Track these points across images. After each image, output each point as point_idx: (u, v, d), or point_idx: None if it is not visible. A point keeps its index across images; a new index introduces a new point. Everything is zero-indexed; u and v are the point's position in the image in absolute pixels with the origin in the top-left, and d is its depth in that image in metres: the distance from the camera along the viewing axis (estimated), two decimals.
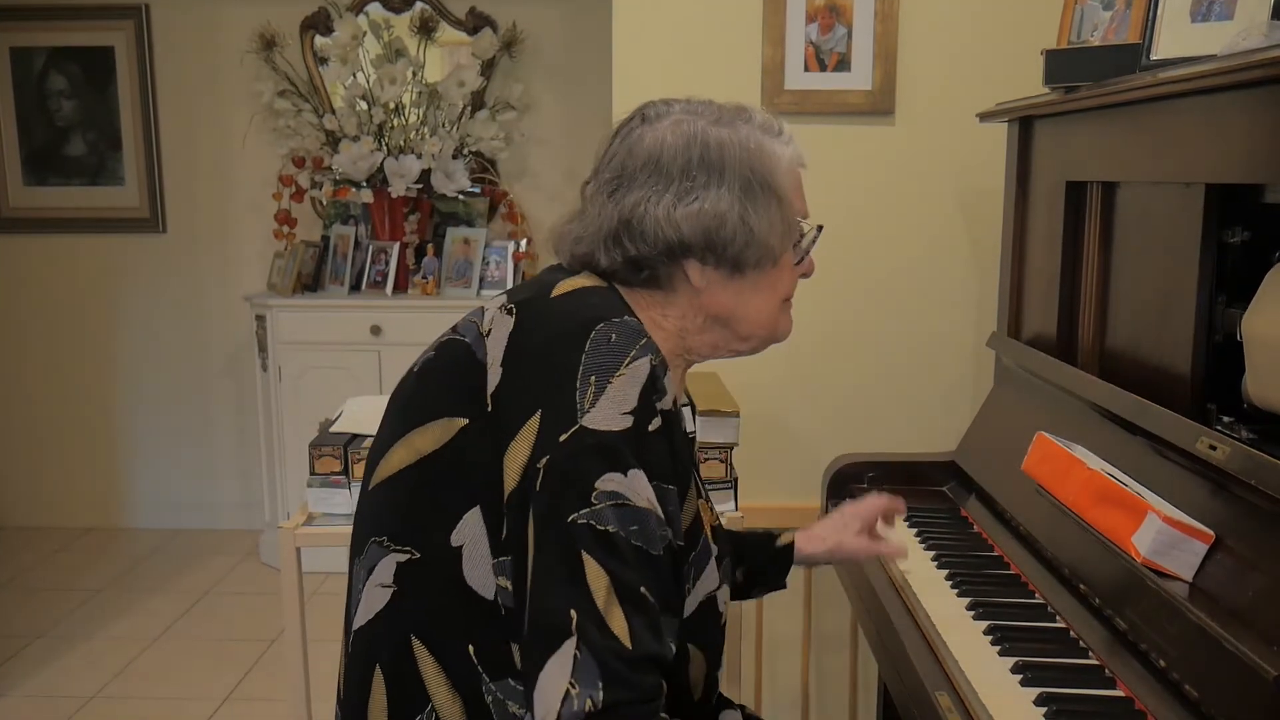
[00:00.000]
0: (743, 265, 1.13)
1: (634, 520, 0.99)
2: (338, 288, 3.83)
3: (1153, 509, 1.22)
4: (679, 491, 1.07)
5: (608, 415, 1.00)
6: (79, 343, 4.25)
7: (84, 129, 4.14)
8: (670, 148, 1.11)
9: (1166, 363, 1.44)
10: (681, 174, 1.11)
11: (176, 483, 4.30)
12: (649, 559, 1.01)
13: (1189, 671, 1.09)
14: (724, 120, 1.14)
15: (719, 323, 1.17)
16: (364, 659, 1.09)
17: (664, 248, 1.11)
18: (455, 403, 1.06)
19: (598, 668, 0.95)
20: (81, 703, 2.88)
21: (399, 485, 1.09)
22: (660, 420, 1.04)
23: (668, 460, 1.05)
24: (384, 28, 3.81)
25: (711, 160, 1.11)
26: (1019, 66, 2.08)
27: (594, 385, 1.01)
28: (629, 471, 1.00)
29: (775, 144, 1.15)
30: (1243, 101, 1.21)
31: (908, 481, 1.96)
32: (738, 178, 1.11)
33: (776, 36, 2.23)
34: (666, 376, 1.06)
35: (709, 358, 1.22)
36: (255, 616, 3.44)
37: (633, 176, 1.12)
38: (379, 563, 1.08)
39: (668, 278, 1.14)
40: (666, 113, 1.15)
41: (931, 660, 1.34)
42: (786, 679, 2.41)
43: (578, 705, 0.94)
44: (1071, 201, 1.72)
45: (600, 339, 1.03)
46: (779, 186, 1.14)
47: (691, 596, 1.12)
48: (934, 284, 2.31)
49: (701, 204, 1.10)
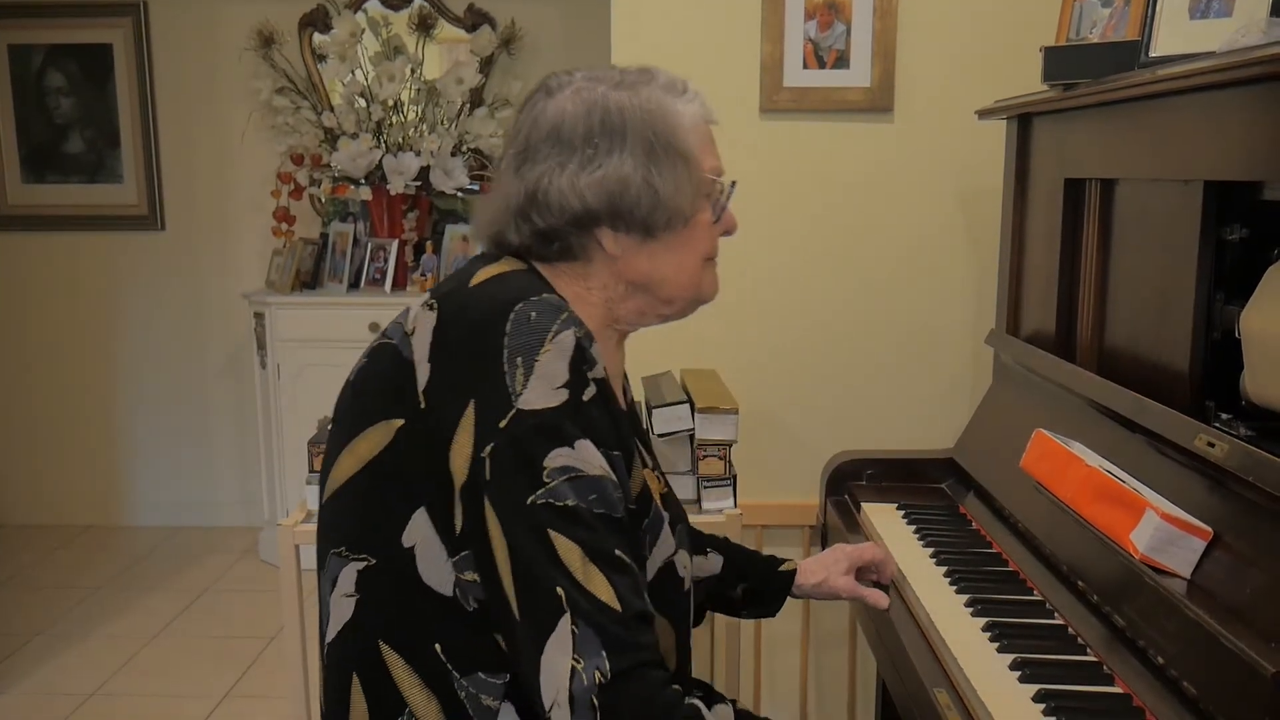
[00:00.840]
0: (653, 228, 1.12)
1: (591, 489, 1.00)
2: (336, 285, 3.83)
3: (1151, 506, 1.22)
4: (624, 458, 1.07)
5: (541, 393, 1.00)
6: (77, 341, 4.25)
7: (82, 126, 4.13)
8: (571, 116, 1.11)
9: (1165, 360, 1.44)
10: (584, 142, 1.10)
11: (176, 480, 4.30)
12: (614, 522, 1.02)
13: (1187, 668, 1.09)
14: (625, 84, 1.13)
15: (640, 289, 1.16)
16: (339, 670, 1.10)
17: (571, 218, 1.11)
18: (390, 405, 1.06)
19: (597, 637, 0.96)
20: (81, 700, 2.88)
21: (349, 494, 1.09)
22: (595, 389, 1.03)
23: (609, 427, 1.05)
24: (382, 25, 3.81)
25: (612, 125, 1.10)
26: (1018, 64, 2.07)
27: (521, 366, 1.00)
28: (575, 443, 1.00)
29: (678, 103, 1.14)
30: (1241, 99, 1.21)
31: (906, 478, 1.96)
32: (640, 141, 1.10)
33: (775, 34, 2.23)
34: (594, 347, 1.05)
35: (640, 324, 1.21)
36: (254, 614, 3.44)
37: (536, 149, 1.12)
38: (340, 573, 1.08)
39: (581, 248, 1.13)
40: (568, 82, 1.14)
41: (930, 657, 1.34)
42: (785, 677, 2.42)
43: (587, 680, 0.95)
44: (1070, 199, 1.72)
45: (520, 319, 1.03)
46: (684, 146, 1.12)
47: (650, 563, 1.12)
48: (932, 281, 2.31)
49: (605, 171, 1.09)
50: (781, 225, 2.31)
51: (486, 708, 1.04)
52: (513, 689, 1.05)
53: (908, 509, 1.83)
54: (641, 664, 0.99)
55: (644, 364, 2.27)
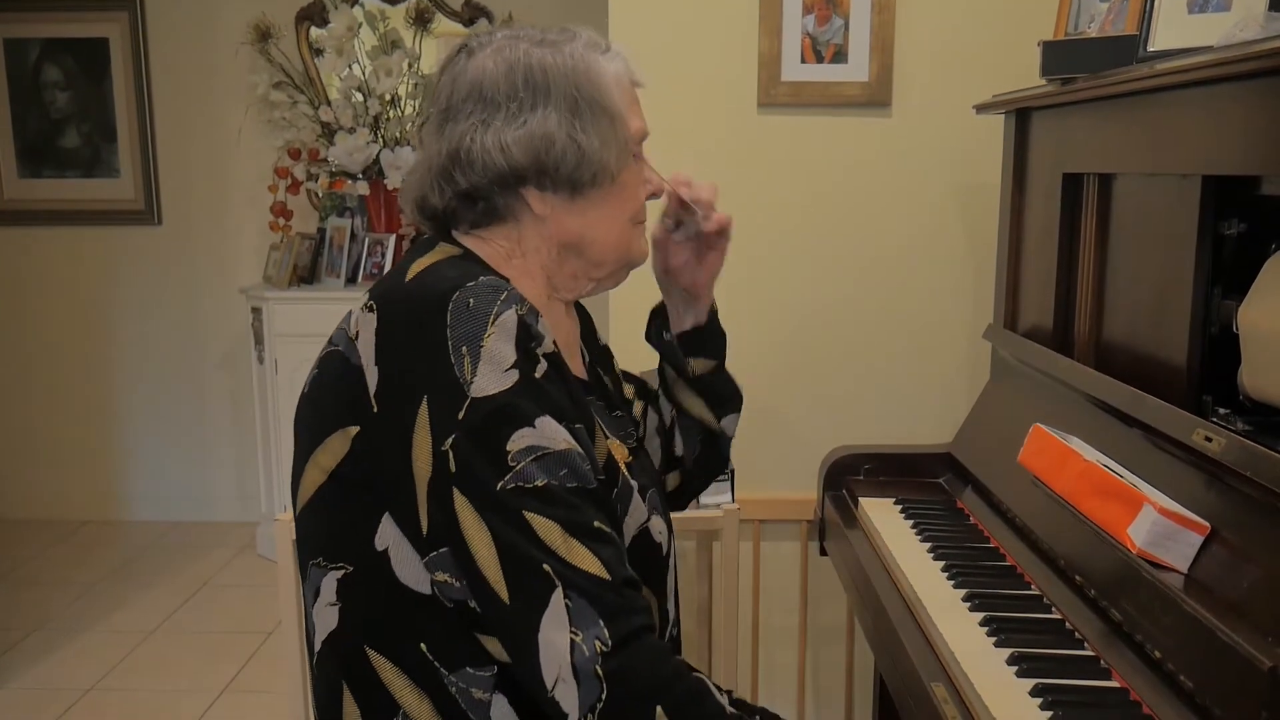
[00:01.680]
0: (579, 185, 1.11)
1: (560, 464, 0.99)
2: (334, 280, 3.83)
3: (1148, 500, 1.22)
4: (586, 429, 1.07)
5: (492, 378, 0.99)
6: (74, 336, 4.24)
7: (79, 121, 4.13)
8: (492, 74, 1.10)
9: (1163, 355, 1.44)
10: (507, 99, 1.09)
11: (173, 475, 4.30)
12: (589, 494, 1.01)
13: (1184, 662, 1.09)
14: (547, 42, 1.12)
15: (572, 251, 1.15)
16: (329, 679, 1.10)
17: (495, 175, 1.09)
18: (344, 413, 1.04)
19: (591, 607, 0.96)
20: (78, 695, 2.88)
21: (319, 505, 1.08)
22: (546, 365, 1.03)
23: (567, 400, 1.04)
24: (379, 19, 3.80)
25: (536, 82, 1.09)
26: (1016, 58, 2.07)
27: (468, 354, 0.99)
28: (535, 421, 0.99)
29: (602, 60, 1.13)
30: (1240, 93, 1.21)
31: (904, 473, 1.96)
32: (564, 96, 1.09)
33: (773, 28, 2.22)
34: (540, 322, 1.04)
35: (579, 292, 1.20)
36: (252, 609, 3.44)
37: (458, 108, 1.11)
38: (321, 583, 1.08)
39: (507, 209, 1.12)
40: (489, 41, 1.13)
41: (927, 651, 1.34)
42: (783, 671, 2.42)
43: (588, 650, 0.95)
44: (1068, 193, 1.72)
45: (459, 307, 1.01)
46: (609, 102, 1.11)
47: (624, 533, 1.12)
48: (930, 276, 2.31)
49: (529, 126, 1.08)
50: (779, 220, 2.31)
51: (479, 701, 1.04)
52: (502, 680, 1.04)
53: (905, 504, 1.83)
54: (641, 628, 0.99)
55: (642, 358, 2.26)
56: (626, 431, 1.24)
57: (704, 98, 2.27)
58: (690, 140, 2.28)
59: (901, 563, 1.58)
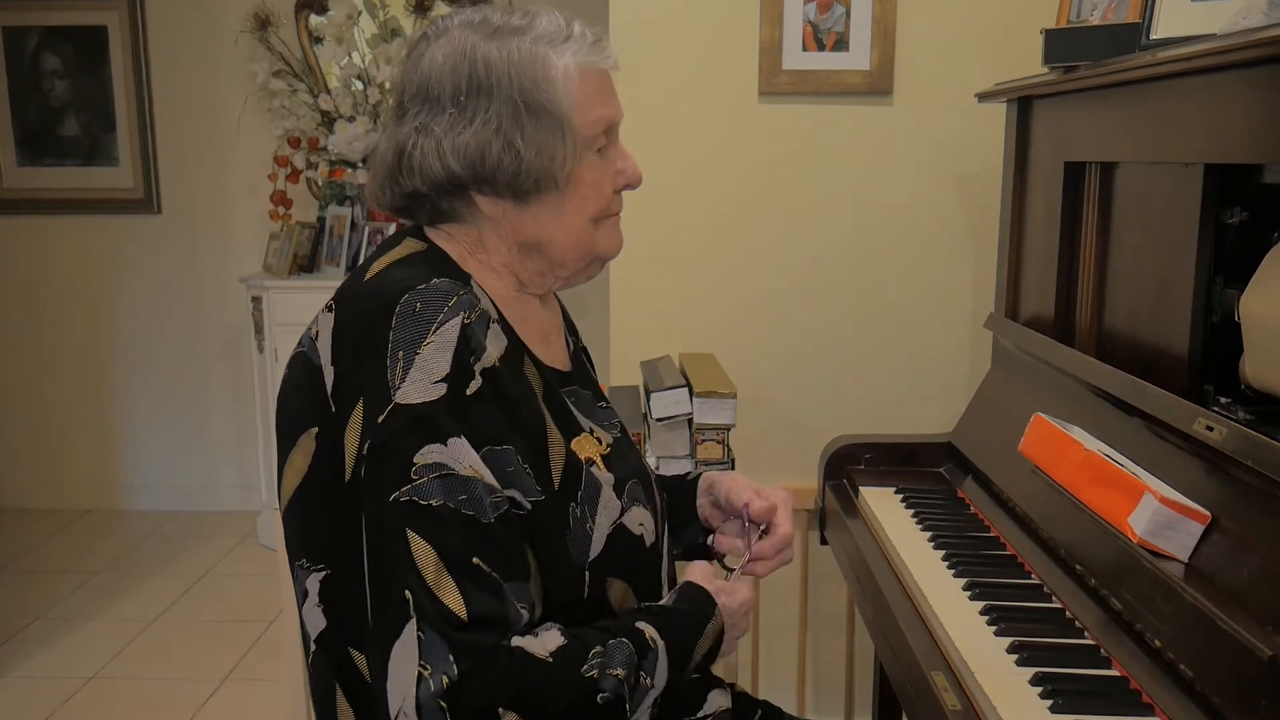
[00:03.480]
0: (522, 192, 1.07)
1: (460, 489, 0.97)
2: (334, 269, 3.82)
3: (1149, 489, 1.22)
4: (525, 445, 1.04)
5: (419, 387, 0.98)
6: (74, 325, 4.24)
7: (78, 109, 4.11)
8: (439, 71, 1.06)
9: (1164, 344, 1.44)
10: (451, 100, 1.05)
11: (174, 464, 4.30)
12: (480, 527, 0.98)
13: (1184, 651, 1.09)
14: (500, 32, 1.07)
15: (532, 249, 1.12)
16: (322, 678, 1.10)
17: (434, 184, 1.07)
18: (309, 414, 1.05)
19: (442, 642, 0.94)
20: (80, 683, 2.89)
21: (298, 507, 1.09)
22: (481, 381, 1.00)
23: (498, 420, 1.02)
24: (379, 7, 3.79)
25: (480, 83, 1.05)
26: (1018, 46, 2.07)
27: (402, 360, 0.98)
28: (449, 440, 0.98)
29: (554, 53, 1.07)
30: (1242, 81, 1.21)
31: (905, 462, 1.96)
32: (505, 100, 1.05)
33: (774, 16, 2.21)
34: (490, 331, 1.03)
35: (548, 288, 1.17)
36: (253, 598, 3.44)
37: (406, 107, 1.09)
38: (306, 584, 1.08)
39: (454, 211, 1.10)
40: (445, 29, 1.09)
41: (928, 640, 1.34)
42: (783, 660, 2.42)
43: (434, 685, 0.93)
44: (1070, 182, 1.71)
45: (405, 311, 1.00)
46: (554, 103, 1.06)
47: (596, 532, 1.09)
48: (931, 265, 2.31)
49: (465, 136, 1.05)
50: (780, 209, 2.30)
51: None
52: None
53: (906, 493, 1.83)
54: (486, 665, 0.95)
55: (642, 348, 2.26)
56: (610, 422, 1.22)
57: (705, 86, 2.26)
58: (691, 129, 2.27)
59: (902, 552, 1.58)
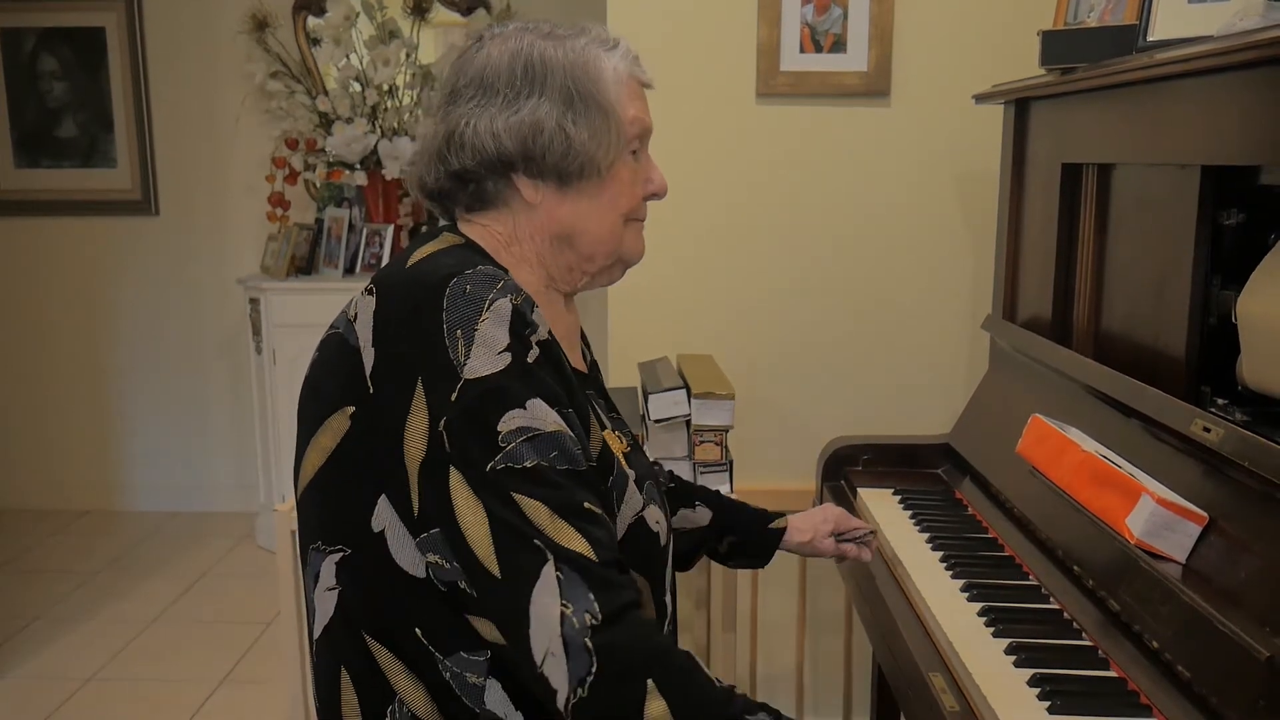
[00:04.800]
0: (567, 175, 1.12)
1: (550, 446, 1.00)
2: (332, 270, 3.82)
3: (1146, 491, 1.22)
4: (578, 416, 1.08)
5: (485, 360, 1.00)
6: (71, 326, 4.24)
7: (75, 111, 4.11)
8: (496, 62, 1.12)
9: (1161, 345, 1.44)
10: (506, 86, 1.11)
11: (172, 466, 4.30)
12: (578, 475, 1.02)
13: (1182, 652, 1.09)
14: (555, 35, 1.14)
15: (564, 242, 1.16)
16: (329, 665, 1.10)
17: (485, 160, 1.11)
18: (342, 394, 1.06)
19: (583, 581, 0.96)
20: (79, 684, 2.89)
21: (319, 487, 1.09)
22: (538, 351, 1.04)
23: (559, 388, 1.05)
24: (377, 8, 3.79)
25: (535, 71, 1.11)
26: (1015, 48, 2.07)
27: (462, 338, 1.00)
28: (527, 403, 1.00)
29: (605, 55, 1.14)
30: (1239, 83, 1.21)
31: (903, 463, 1.96)
32: (559, 88, 1.11)
33: (772, 17, 2.22)
34: (535, 312, 1.06)
35: (574, 285, 1.21)
36: (251, 599, 3.44)
37: (460, 93, 1.13)
38: (321, 567, 1.09)
39: (497, 194, 1.14)
40: (500, 32, 1.16)
41: (926, 642, 1.34)
42: (781, 661, 2.43)
43: (579, 622, 0.95)
44: (1067, 183, 1.72)
45: (456, 293, 1.03)
46: (604, 97, 1.12)
47: (619, 520, 1.13)
48: (929, 266, 2.31)
49: (521, 114, 1.10)
50: (778, 210, 2.30)
51: (473, 685, 1.05)
52: (496, 664, 1.05)
53: (904, 494, 1.83)
54: (630, 603, 0.99)
55: (640, 349, 2.26)
56: (624, 430, 1.25)
57: (703, 88, 2.26)
58: (690, 130, 2.27)
59: (900, 553, 1.58)
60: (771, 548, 1.51)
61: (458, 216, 1.19)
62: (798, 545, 1.51)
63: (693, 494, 1.51)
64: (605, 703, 0.95)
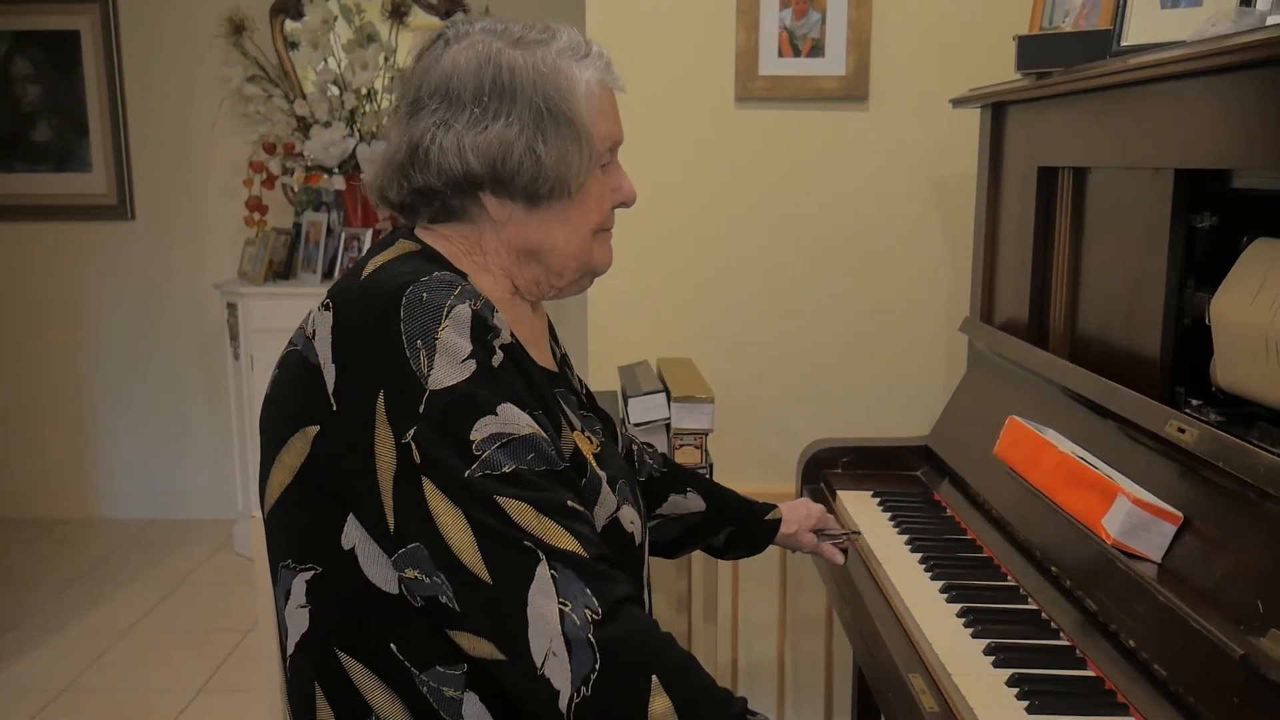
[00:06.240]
0: (536, 196, 1.09)
1: (526, 449, 0.99)
2: (310, 275, 3.80)
3: (1122, 491, 1.23)
4: (547, 419, 1.06)
5: (449, 370, 0.98)
6: (46, 332, 4.19)
7: (50, 114, 4.08)
8: (463, 71, 1.08)
9: (1136, 346, 1.45)
10: (473, 100, 1.07)
11: (149, 473, 4.27)
12: (558, 475, 1.01)
13: (1158, 651, 1.10)
14: (523, 42, 1.10)
15: (531, 257, 1.14)
16: (302, 683, 1.09)
17: (450, 178, 1.08)
18: (305, 412, 1.04)
19: (578, 577, 0.95)
20: (54, 695, 2.86)
21: (286, 506, 1.07)
22: (502, 355, 1.02)
23: (526, 390, 1.04)
24: (355, 12, 3.77)
25: (503, 85, 1.07)
26: (992, 53, 2.08)
27: (423, 348, 0.99)
28: (498, 409, 0.99)
29: (576, 67, 1.10)
30: (1211, 87, 1.22)
31: (882, 466, 1.97)
32: (528, 105, 1.07)
33: (750, 22, 2.22)
34: (496, 315, 1.04)
35: (541, 296, 1.19)
36: (229, 607, 3.42)
37: (424, 103, 1.09)
38: (291, 585, 1.07)
39: (463, 210, 1.11)
40: (466, 33, 1.11)
41: (905, 643, 1.35)
42: (762, 662, 2.43)
43: (579, 619, 0.94)
44: (1043, 186, 1.73)
45: (412, 301, 1.01)
46: (576, 114, 1.09)
47: (594, 522, 1.10)
48: (907, 269, 2.32)
49: (489, 134, 1.06)
50: (757, 214, 2.31)
51: (450, 699, 1.04)
52: (474, 678, 1.03)
53: (883, 496, 1.84)
54: (627, 598, 0.98)
55: (620, 353, 2.26)
56: (594, 429, 1.23)
57: (682, 91, 2.27)
58: (668, 134, 2.28)
59: (879, 555, 1.58)
60: (767, 539, 1.54)
61: (417, 225, 1.15)
62: (782, 536, 1.54)
63: (684, 481, 1.51)
64: (609, 700, 0.94)
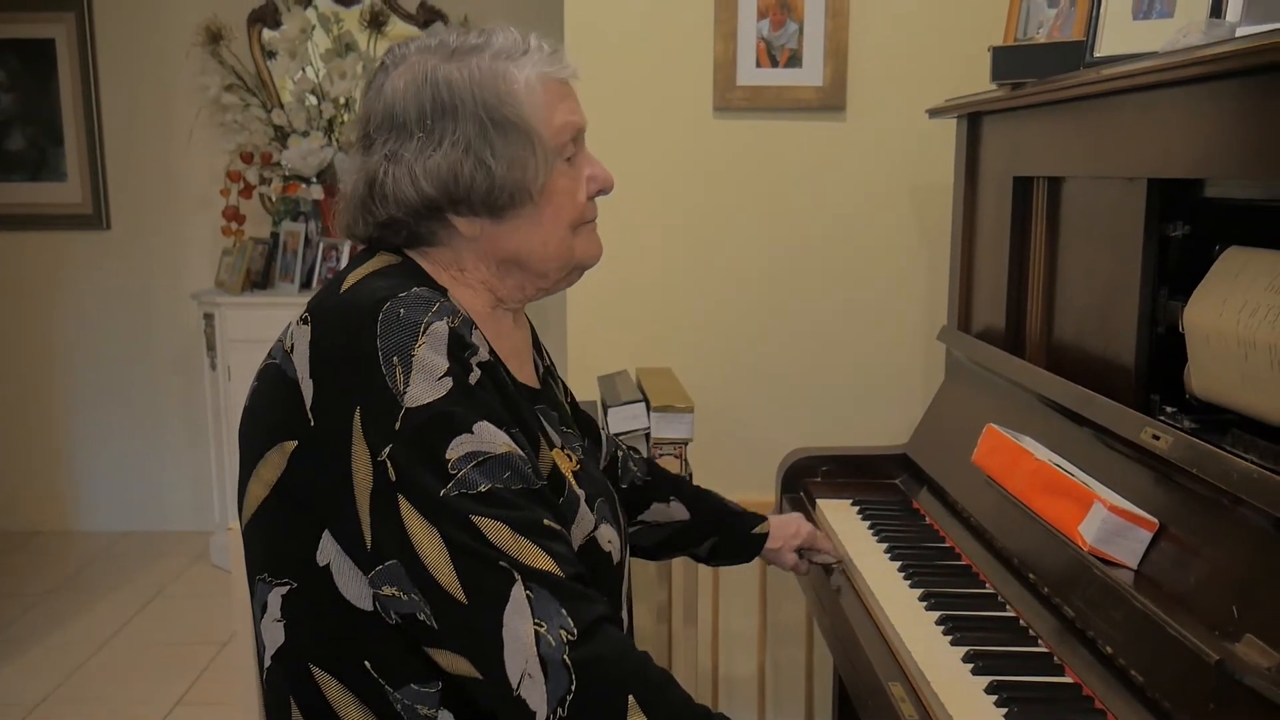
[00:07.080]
0: (498, 208, 1.08)
1: (503, 467, 0.98)
2: (288, 285, 3.78)
3: (1099, 498, 1.24)
4: (525, 436, 1.05)
5: (426, 388, 0.98)
6: (21, 343, 4.15)
7: (24, 123, 4.04)
8: (403, 97, 1.07)
9: (1111, 354, 1.47)
10: (417, 125, 1.06)
11: (125, 484, 4.23)
12: (534, 494, 1.00)
13: (1134, 657, 1.11)
14: (459, 53, 1.08)
15: (511, 265, 1.12)
16: (278, 696, 1.08)
17: (409, 208, 1.07)
18: (283, 427, 1.03)
19: (553, 597, 0.95)
20: (29, 709, 2.82)
21: (263, 520, 1.07)
22: (480, 372, 1.02)
23: (503, 408, 1.03)
24: (333, 21, 3.77)
25: (443, 103, 1.05)
26: (968, 63, 2.10)
27: (399, 364, 0.98)
28: (474, 427, 0.98)
29: (514, 67, 1.08)
30: (1184, 98, 1.23)
31: (861, 474, 1.97)
32: (471, 118, 1.05)
33: (728, 32, 2.23)
34: (474, 333, 1.03)
35: (528, 299, 1.18)
36: (206, 619, 3.39)
37: (373, 136, 1.09)
38: (267, 598, 1.07)
39: (432, 234, 1.10)
40: (404, 56, 1.10)
41: (884, 651, 1.35)
42: (743, 672, 2.43)
43: (554, 640, 0.94)
44: (1019, 196, 1.74)
45: (389, 318, 1.00)
46: (520, 117, 1.07)
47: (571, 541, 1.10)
48: (885, 278, 2.33)
49: (436, 158, 1.05)
50: (735, 223, 2.31)
51: (425, 717, 1.03)
52: (448, 695, 1.03)
53: (862, 505, 1.84)
54: (603, 618, 0.98)
55: (599, 362, 2.26)
56: (574, 446, 1.22)
57: (660, 101, 2.27)
58: (646, 144, 2.28)
59: (859, 563, 1.59)
60: (753, 552, 1.56)
61: None
62: (765, 550, 1.56)
63: (668, 489, 1.51)
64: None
